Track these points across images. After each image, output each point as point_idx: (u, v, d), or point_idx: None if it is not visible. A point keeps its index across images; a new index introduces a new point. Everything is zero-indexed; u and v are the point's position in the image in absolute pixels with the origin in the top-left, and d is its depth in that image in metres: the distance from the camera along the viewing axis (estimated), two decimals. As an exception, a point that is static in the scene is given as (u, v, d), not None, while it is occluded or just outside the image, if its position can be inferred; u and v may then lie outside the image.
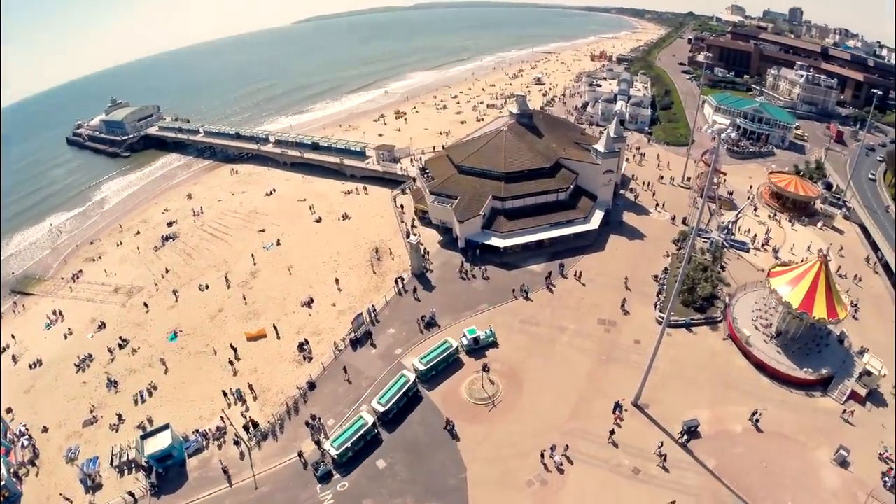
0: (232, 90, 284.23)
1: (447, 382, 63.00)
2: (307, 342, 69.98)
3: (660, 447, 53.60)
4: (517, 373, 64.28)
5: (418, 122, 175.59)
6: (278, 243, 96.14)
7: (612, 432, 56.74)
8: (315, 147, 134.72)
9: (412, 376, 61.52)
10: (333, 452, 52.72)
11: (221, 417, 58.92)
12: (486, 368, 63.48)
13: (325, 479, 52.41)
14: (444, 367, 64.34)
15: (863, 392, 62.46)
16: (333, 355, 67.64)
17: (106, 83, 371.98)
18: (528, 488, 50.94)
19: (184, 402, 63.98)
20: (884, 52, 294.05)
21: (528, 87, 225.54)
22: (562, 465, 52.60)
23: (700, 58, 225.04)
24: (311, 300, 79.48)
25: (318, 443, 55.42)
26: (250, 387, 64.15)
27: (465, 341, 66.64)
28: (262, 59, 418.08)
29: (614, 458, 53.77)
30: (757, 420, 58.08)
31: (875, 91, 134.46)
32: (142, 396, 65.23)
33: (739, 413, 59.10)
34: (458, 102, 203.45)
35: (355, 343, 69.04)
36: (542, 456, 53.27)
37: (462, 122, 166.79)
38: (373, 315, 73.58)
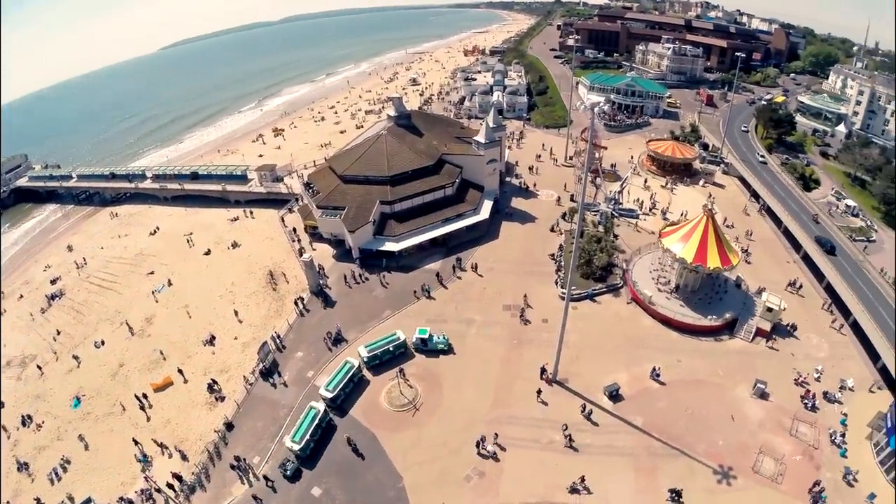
0: (102, 128, 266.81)
1: (364, 396, 64.50)
2: (216, 382, 69.09)
3: (564, 429, 57.67)
4: (433, 372, 67.09)
5: (297, 137, 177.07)
6: (170, 284, 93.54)
7: (540, 391, 62.29)
8: (195, 177, 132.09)
9: (356, 362, 65.66)
10: (296, 447, 55.01)
11: (145, 478, 57.25)
12: (402, 374, 65.68)
13: (295, 477, 54.84)
14: (389, 358, 68.40)
15: (767, 327, 71.80)
16: (246, 390, 67.29)
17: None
18: (467, 483, 53.54)
19: (101, 471, 60.83)
20: (744, 19, 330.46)
21: (404, 88, 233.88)
22: (495, 453, 55.87)
23: (570, 42, 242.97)
24: (213, 337, 78.22)
25: (266, 477, 55.36)
26: (159, 444, 62.27)
27: (414, 339, 69.77)
28: (131, 90, 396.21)
29: (545, 437, 57.72)
30: (658, 374, 64.85)
31: (738, 55, 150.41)
32: (56, 474, 61.28)
33: (659, 368, 65.42)
34: (336, 112, 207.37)
35: (266, 374, 69.16)
36: (478, 446, 56.18)
37: (342, 132, 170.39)
38: (278, 341, 73.94)
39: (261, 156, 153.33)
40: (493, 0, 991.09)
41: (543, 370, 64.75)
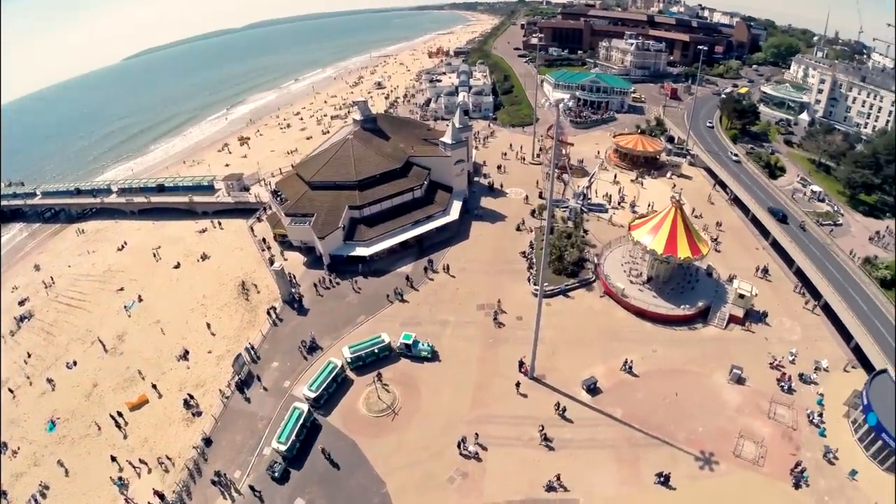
0: (66, 143, 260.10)
1: (342, 403, 64.30)
2: (192, 397, 68.46)
3: (541, 430, 58.03)
4: (410, 376, 67.23)
5: (263, 145, 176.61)
6: (140, 299, 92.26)
7: (518, 384, 63.50)
8: (161, 189, 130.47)
9: (339, 362, 66.61)
10: (282, 448, 55.76)
11: (126, 499, 56.67)
12: (379, 378, 65.62)
13: (284, 479, 55.47)
14: (373, 360, 68.92)
15: (740, 313, 73.78)
16: (222, 404, 66.60)
17: None
18: (451, 485, 53.81)
19: (80, 496, 59.74)
20: (705, 13, 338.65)
21: (369, 92, 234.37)
22: (477, 453, 56.21)
23: (534, 41, 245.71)
24: (187, 352, 77.46)
25: (252, 487, 54.98)
26: (138, 463, 61.49)
27: (399, 343, 70.15)
28: (94, 103, 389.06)
29: (526, 434, 58.15)
30: (630, 367, 65.96)
31: (701, 48, 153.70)
32: (35, 501, 60.12)
33: (632, 361, 66.45)
34: (302, 119, 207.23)
35: (241, 386, 68.59)
36: (459, 447, 56.46)
37: (308, 138, 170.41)
38: (252, 353, 73.40)
39: (227, 165, 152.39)
40: (457, 1, 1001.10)
41: (521, 363, 65.77)
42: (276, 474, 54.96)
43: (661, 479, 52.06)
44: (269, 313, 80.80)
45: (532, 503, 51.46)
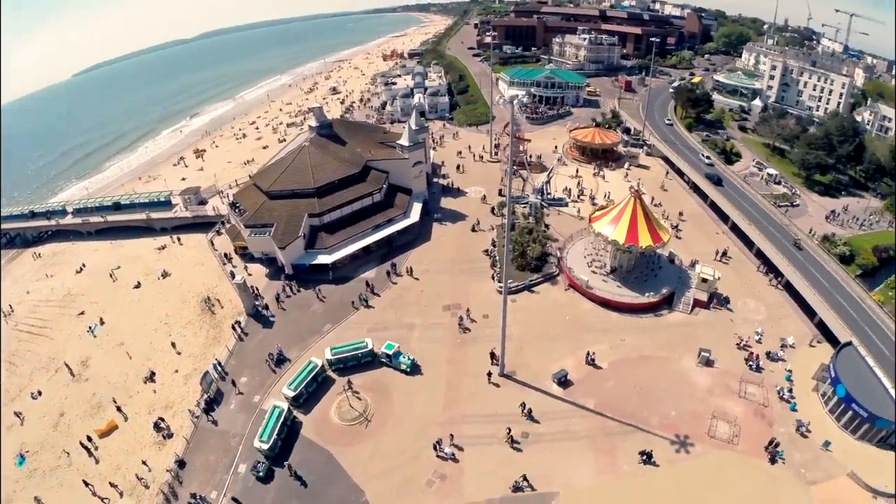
0: (19, 166, 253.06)
1: (315, 410, 63.96)
2: (162, 419, 67.06)
3: (508, 432, 58.23)
4: (381, 382, 67.08)
5: (220, 156, 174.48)
6: (102, 322, 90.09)
7: (490, 374, 64.70)
8: (117, 207, 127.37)
9: (320, 361, 67.49)
10: (265, 447, 56.06)
11: None
12: (350, 386, 65.31)
13: (268, 478, 55.78)
14: (354, 364, 69.07)
15: (704, 297, 75.81)
16: (193, 424, 65.36)
17: None
18: (429, 488, 53.89)
19: None
20: (657, 6, 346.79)
21: (324, 98, 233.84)
22: (454, 454, 56.44)
23: (488, 40, 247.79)
24: (153, 373, 75.75)
25: (235, 499, 54.25)
26: (110, 486, 59.87)
27: (381, 351, 69.91)
28: (45, 122, 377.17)
29: (500, 431, 58.38)
30: (593, 360, 67.04)
31: (653, 40, 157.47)
32: None
33: (601, 351, 67.85)
34: (258, 128, 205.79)
35: (211, 404, 67.58)
36: (435, 449, 56.65)
37: (264, 147, 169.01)
38: (220, 369, 72.38)
39: (184, 179, 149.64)
40: (410, 3, 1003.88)
41: (493, 354, 66.52)
42: (261, 473, 55.03)
43: (644, 457, 53.67)
44: (234, 328, 79.59)
45: (512, 500, 51.81)
